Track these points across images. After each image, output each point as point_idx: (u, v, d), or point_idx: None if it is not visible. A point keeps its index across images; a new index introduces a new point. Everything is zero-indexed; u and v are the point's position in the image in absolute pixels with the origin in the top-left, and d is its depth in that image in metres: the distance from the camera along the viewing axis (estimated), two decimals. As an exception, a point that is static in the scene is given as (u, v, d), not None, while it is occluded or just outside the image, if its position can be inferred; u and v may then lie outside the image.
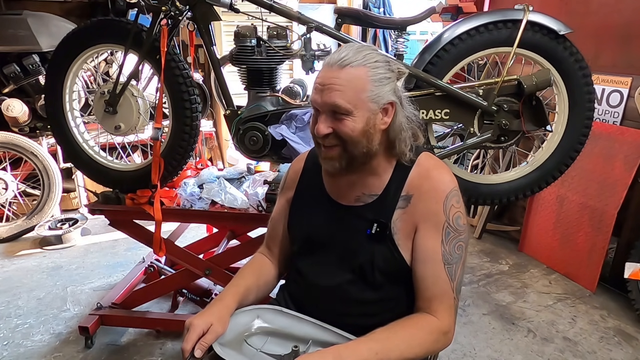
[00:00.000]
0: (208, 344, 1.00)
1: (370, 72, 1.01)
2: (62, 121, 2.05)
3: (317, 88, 1.03)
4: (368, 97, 1.01)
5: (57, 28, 3.27)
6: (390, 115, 1.06)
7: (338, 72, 1.00)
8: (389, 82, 1.04)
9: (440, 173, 1.10)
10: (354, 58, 1.00)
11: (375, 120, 1.04)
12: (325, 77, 1.01)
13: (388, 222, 1.08)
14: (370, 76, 1.01)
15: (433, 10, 1.86)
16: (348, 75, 1.00)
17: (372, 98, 1.01)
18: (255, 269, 1.25)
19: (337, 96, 1.00)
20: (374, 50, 1.06)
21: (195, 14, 1.85)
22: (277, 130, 1.84)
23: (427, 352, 1.01)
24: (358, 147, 1.04)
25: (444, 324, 1.02)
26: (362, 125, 1.02)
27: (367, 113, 1.02)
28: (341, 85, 0.99)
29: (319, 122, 1.04)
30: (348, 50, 1.02)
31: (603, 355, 2.18)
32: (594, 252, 2.63)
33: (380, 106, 1.03)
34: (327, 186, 1.19)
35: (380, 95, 1.02)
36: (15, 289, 2.69)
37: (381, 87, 1.02)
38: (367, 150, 1.05)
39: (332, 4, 4.75)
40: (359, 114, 1.01)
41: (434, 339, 1.01)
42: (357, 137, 1.03)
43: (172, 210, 2.02)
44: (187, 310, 2.45)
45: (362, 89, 1.00)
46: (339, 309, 1.12)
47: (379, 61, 1.03)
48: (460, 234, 1.06)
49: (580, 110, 1.81)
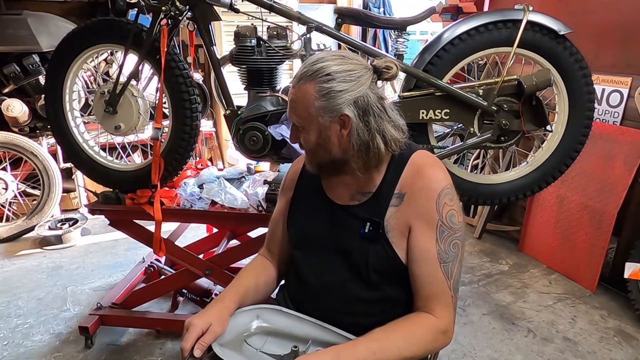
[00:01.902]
0: (207, 343, 1.00)
1: (317, 87, 1.02)
2: (62, 121, 2.05)
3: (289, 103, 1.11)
4: (315, 112, 1.03)
5: (57, 28, 3.27)
6: (347, 126, 1.04)
7: (294, 89, 1.06)
8: (341, 94, 1.02)
9: (433, 171, 1.09)
10: (307, 73, 1.03)
11: (328, 132, 1.05)
12: (290, 94, 1.08)
13: (381, 221, 1.08)
14: (317, 91, 1.02)
15: (433, 10, 1.87)
16: (299, 91, 1.05)
17: (319, 112, 1.03)
18: (256, 271, 1.25)
19: (291, 112, 1.08)
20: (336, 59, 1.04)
21: (195, 14, 1.85)
22: (277, 130, 1.84)
23: (426, 351, 1.01)
24: (318, 156, 1.10)
25: (443, 323, 1.02)
26: (315, 137, 1.07)
27: (318, 126, 1.05)
28: (294, 102, 1.07)
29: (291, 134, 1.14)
30: (306, 65, 1.05)
31: (603, 355, 2.18)
32: (594, 252, 2.63)
33: (331, 119, 1.03)
34: (324, 186, 1.20)
35: (328, 108, 1.02)
36: (15, 289, 2.69)
37: (331, 100, 1.02)
38: (330, 158, 1.09)
39: (332, 4, 4.76)
40: (310, 128, 1.06)
41: (432, 338, 1.01)
42: (313, 148, 1.09)
43: (172, 210, 2.02)
44: (187, 310, 2.45)
45: (310, 104, 1.03)
46: (338, 308, 1.12)
47: (333, 73, 1.01)
48: (455, 232, 1.06)
49: (580, 110, 1.81)
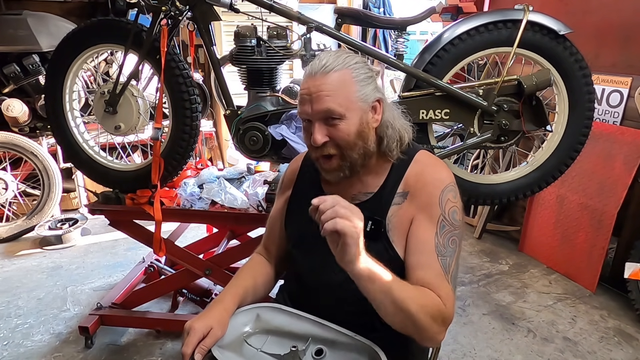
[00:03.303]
0: (208, 347, 1.00)
1: (354, 73, 1.04)
2: (62, 121, 2.05)
3: (305, 98, 1.04)
4: (357, 98, 1.03)
5: (57, 28, 3.27)
6: (379, 112, 1.09)
7: (323, 79, 1.02)
8: (371, 81, 1.07)
9: (437, 170, 1.11)
10: (335, 63, 1.03)
11: (368, 119, 1.06)
12: (312, 86, 1.03)
13: (383, 220, 1.08)
14: (354, 77, 1.04)
15: (433, 10, 1.86)
16: (334, 79, 1.02)
17: (360, 98, 1.04)
18: (254, 270, 1.25)
19: (328, 101, 1.01)
20: (350, 53, 1.08)
21: (195, 14, 1.85)
22: (277, 130, 1.84)
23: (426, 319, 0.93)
24: (355, 150, 1.06)
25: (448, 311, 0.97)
26: (357, 126, 1.04)
27: (359, 113, 1.04)
28: (330, 90, 1.01)
29: (315, 132, 1.04)
30: (327, 57, 1.04)
31: (603, 355, 2.18)
32: (594, 252, 2.63)
33: (369, 104, 1.06)
34: (324, 186, 1.20)
35: (367, 94, 1.05)
36: (15, 289, 2.69)
37: (366, 86, 1.05)
38: (364, 151, 1.07)
39: (332, 4, 4.76)
40: (352, 116, 1.03)
41: (437, 311, 0.94)
42: (354, 140, 1.04)
43: (172, 210, 2.02)
44: (187, 310, 2.45)
45: (350, 90, 1.03)
46: (337, 307, 1.12)
47: (358, 62, 1.06)
48: (455, 229, 1.06)
49: (580, 110, 1.81)
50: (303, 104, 1.05)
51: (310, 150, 1.11)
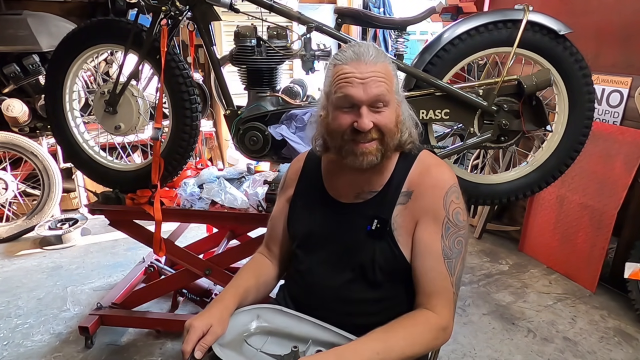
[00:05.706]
0: (208, 345, 1.00)
1: (391, 66, 1.08)
2: (62, 121, 2.05)
3: (355, 82, 1.02)
4: (395, 90, 1.09)
5: (57, 28, 3.27)
6: (400, 107, 1.12)
7: (375, 66, 1.03)
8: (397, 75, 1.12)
9: (440, 170, 1.13)
10: (380, 54, 1.06)
11: (399, 112, 1.10)
12: (363, 71, 1.02)
13: (388, 218, 1.08)
14: (392, 70, 1.08)
15: (433, 10, 1.86)
16: (383, 69, 1.05)
17: (396, 90, 1.09)
18: (255, 269, 1.25)
19: (382, 86, 1.03)
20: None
21: (195, 14, 1.85)
22: (277, 130, 1.84)
23: (427, 348, 1.02)
24: (394, 139, 1.08)
25: (443, 320, 1.03)
26: (395, 116, 1.08)
27: (395, 104, 1.08)
28: (383, 78, 1.03)
29: (363, 117, 1.02)
30: (369, 47, 1.06)
31: (603, 355, 2.18)
32: (594, 252, 2.63)
33: (401, 99, 1.12)
34: (326, 185, 1.20)
35: (399, 88, 1.11)
36: (15, 289, 2.69)
37: (398, 82, 1.11)
38: (397, 141, 1.10)
39: (332, 4, 4.76)
40: (392, 106, 1.07)
41: (433, 336, 1.02)
42: (394, 128, 1.08)
43: (172, 210, 2.02)
44: (187, 310, 2.45)
45: (394, 82, 1.07)
46: (339, 308, 1.12)
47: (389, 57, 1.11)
48: (460, 230, 1.07)
49: (580, 110, 1.81)
50: (352, 87, 1.01)
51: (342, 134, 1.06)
